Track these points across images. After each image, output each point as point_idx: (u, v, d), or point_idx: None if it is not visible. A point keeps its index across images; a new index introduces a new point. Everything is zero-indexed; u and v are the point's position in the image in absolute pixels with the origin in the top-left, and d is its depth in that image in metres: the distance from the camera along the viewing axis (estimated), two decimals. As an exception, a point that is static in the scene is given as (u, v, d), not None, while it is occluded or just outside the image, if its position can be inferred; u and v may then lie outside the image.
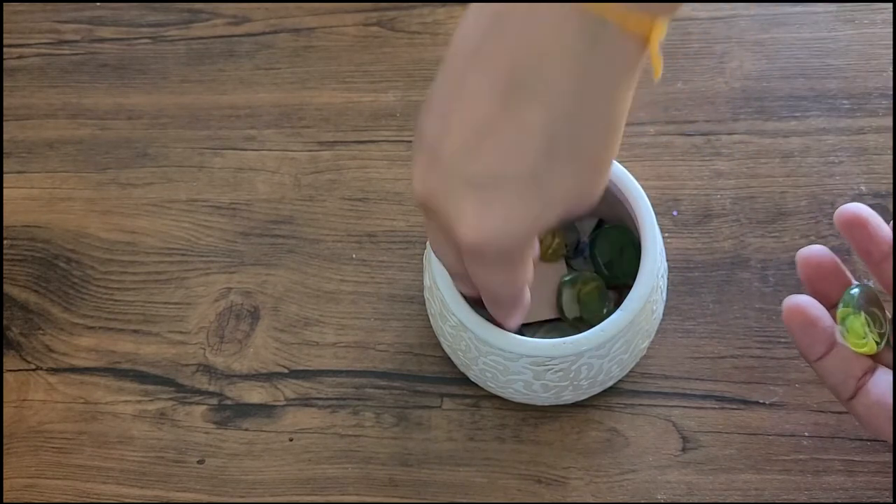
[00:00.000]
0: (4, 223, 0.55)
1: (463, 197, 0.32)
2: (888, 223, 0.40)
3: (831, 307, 0.40)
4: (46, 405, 0.50)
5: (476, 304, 0.41)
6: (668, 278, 0.47)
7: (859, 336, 0.39)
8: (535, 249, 0.39)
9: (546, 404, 0.47)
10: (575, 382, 0.43)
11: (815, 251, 0.41)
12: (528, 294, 0.39)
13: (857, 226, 0.40)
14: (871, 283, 0.41)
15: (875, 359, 0.40)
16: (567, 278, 0.46)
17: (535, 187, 0.32)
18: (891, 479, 0.46)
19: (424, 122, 0.33)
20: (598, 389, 0.45)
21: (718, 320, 0.50)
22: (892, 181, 0.52)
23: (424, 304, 0.49)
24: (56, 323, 0.52)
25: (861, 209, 0.40)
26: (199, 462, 0.49)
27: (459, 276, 0.39)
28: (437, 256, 0.38)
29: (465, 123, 0.31)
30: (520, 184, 0.31)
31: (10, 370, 0.51)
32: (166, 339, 0.52)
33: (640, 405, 0.48)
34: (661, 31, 0.29)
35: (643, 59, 0.30)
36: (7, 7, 0.62)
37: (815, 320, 0.39)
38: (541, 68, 0.30)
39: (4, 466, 0.49)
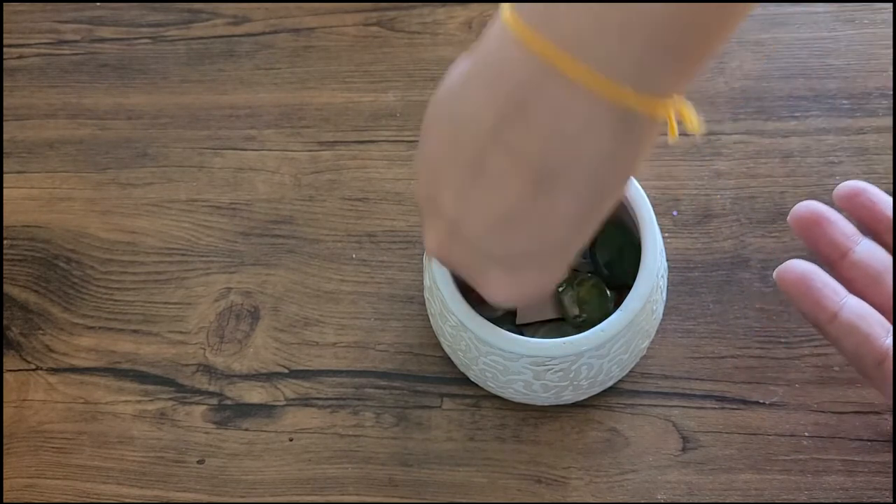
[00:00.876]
0: (4, 223, 0.55)
1: (489, 270, 0.33)
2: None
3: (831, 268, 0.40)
4: (46, 405, 0.50)
5: (476, 302, 0.41)
6: (668, 278, 0.47)
7: None
8: None
9: (546, 404, 0.47)
10: (575, 382, 0.43)
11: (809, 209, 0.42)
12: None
13: (814, 225, 0.41)
14: None
15: None
16: (565, 281, 0.46)
17: (560, 252, 0.33)
18: (891, 479, 0.46)
19: (437, 192, 0.32)
20: (598, 389, 0.45)
21: (718, 320, 0.50)
22: (892, 181, 0.52)
23: (424, 304, 0.49)
24: (56, 323, 0.52)
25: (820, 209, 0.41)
26: (199, 462, 0.49)
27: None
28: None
29: (490, 209, 0.31)
30: (547, 256, 0.33)
31: (10, 370, 0.51)
32: (166, 339, 0.52)
33: (640, 405, 0.48)
34: (683, 107, 0.29)
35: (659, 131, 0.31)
36: (7, 7, 0.62)
37: (814, 279, 0.39)
38: (575, 157, 0.29)
39: (4, 466, 0.49)
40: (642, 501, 0.46)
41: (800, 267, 0.41)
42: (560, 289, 0.46)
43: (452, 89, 0.32)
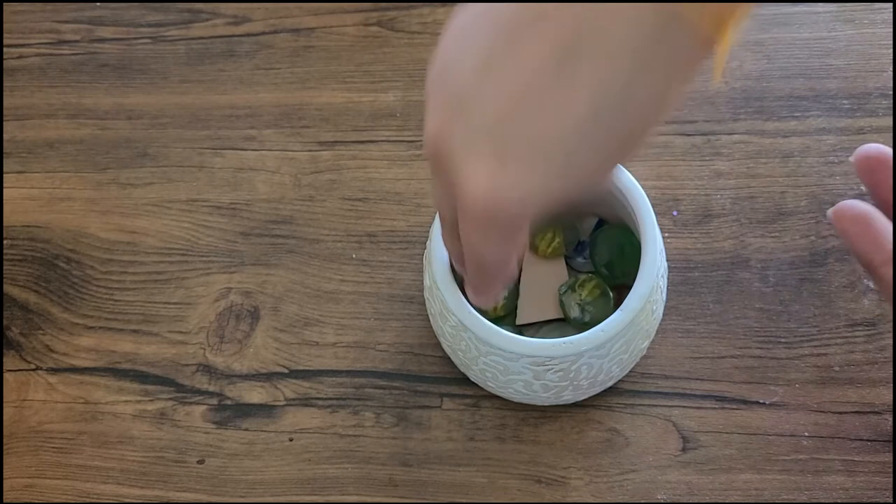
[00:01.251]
0: (4, 223, 0.55)
1: (480, 151, 0.31)
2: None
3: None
4: (46, 405, 0.50)
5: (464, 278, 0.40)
6: (668, 278, 0.47)
7: None
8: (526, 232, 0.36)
9: (546, 404, 0.47)
10: (575, 382, 0.43)
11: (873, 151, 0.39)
12: (514, 268, 0.36)
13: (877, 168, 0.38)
14: None
15: None
16: (567, 283, 0.46)
17: (560, 159, 0.30)
18: (891, 479, 0.46)
19: (457, 62, 0.31)
20: (598, 389, 0.45)
21: (718, 320, 0.50)
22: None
23: (424, 304, 0.49)
24: (56, 323, 0.52)
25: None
26: (199, 462, 0.49)
27: (450, 229, 0.36)
28: (435, 205, 0.37)
29: (507, 80, 0.30)
30: (547, 151, 0.30)
31: (10, 370, 0.51)
32: (166, 339, 0.52)
33: (640, 405, 0.48)
34: (731, 35, 0.28)
35: (702, 61, 0.29)
36: (7, 7, 0.62)
37: (874, 218, 0.37)
38: (604, 40, 0.28)
39: (4, 466, 0.49)
40: (642, 501, 0.46)
41: (859, 206, 0.38)
42: (562, 291, 0.46)
43: None
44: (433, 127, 0.32)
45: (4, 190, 0.56)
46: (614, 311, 0.41)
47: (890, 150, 0.39)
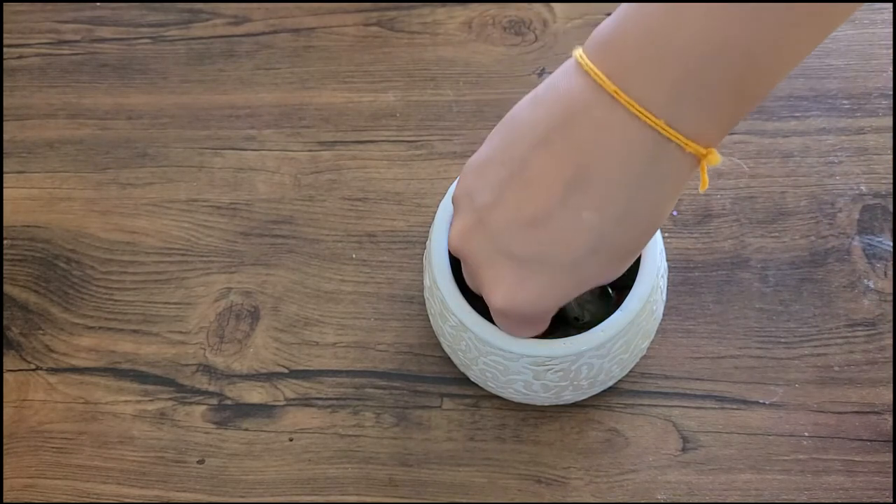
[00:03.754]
0: (4, 223, 0.55)
1: (501, 267, 0.35)
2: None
3: None
4: (46, 405, 0.50)
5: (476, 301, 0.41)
6: (668, 278, 0.47)
7: None
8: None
9: (546, 404, 0.47)
10: (575, 382, 0.43)
11: None
12: (544, 328, 0.41)
13: None
14: None
15: None
16: None
17: (571, 273, 0.35)
18: (891, 479, 0.46)
19: (474, 185, 0.35)
20: (598, 389, 0.45)
21: (718, 320, 0.50)
22: (892, 181, 0.52)
23: (424, 304, 0.49)
24: (56, 323, 0.52)
25: None
26: (199, 462, 0.49)
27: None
28: (466, 279, 0.41)
29: (521, 203, 0.34)
30: (559, 270, 0.35)
31: (10, 370, 0.51)
32: (166, 339, 0.52)
33: (640, 405, 0.48)
34: (714, 157, 0.32)
35: (691, 176, 0.33)
36: (7, 7, 0.62)
37: None
38: (605, 173, 0.32)
39: (4, 466, 0.49)
40: (642, 501, 0.46)
41: None
42: None
43: (521, 105, 0.35)
44: (456, 233, 0.37)
45: (4, 190, 0.56)
46: (614, 311, 0.41)
47: None
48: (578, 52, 0.33)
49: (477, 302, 0.41)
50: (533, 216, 0.34)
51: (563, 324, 0.46)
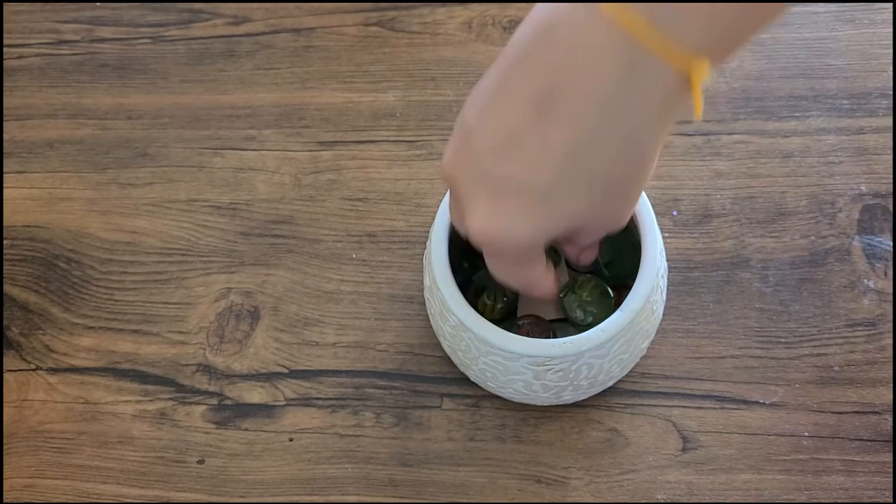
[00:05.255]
0: (4, 223, 0.55)
1: (479, 190, 0.33)
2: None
3: None
4: (46, 405, 0.50)
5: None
6: (668, 278, 0.47)
7: None
8: (543, 257, 0.39)
9: (546, 404, 0.47)
10: (575, 382, 0.43)
11: None
12: (545, 287, 0.39)
13: None
14: None
15: None
16: (567, 284, 0.46)
17: (546, 201, 0.32)
18: (891, 479, 0.46)
19: (468, 107, 0.34)
20: (598, 389, 0.45)
21: (718, 320, 0.50)
22: (892, 181, 0.52)
23: (424, 304, 0.49)
24: (56, 323, 0.52)
25: None
26: (199, 462, 0.49)
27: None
28: (455, 225, 0.39)
29: (497, 124, 0.32)
30: (532, 195, 0.32)
31: (10, 370, 0.51)
32: (166, 339, 0.52)
33: (640, 405, 0.48)
34: (703, 72, 0.29)
35: (681, 101, 0.30)
36: (7, 7, 0.62)
37: None
38: (574, 87, 0.30)
39: (4, 466, 0.49)
40: (642, 501, 0.46)
41: None
42: (562, 294, 0.46)
43: (521, 25, 0.33)
44: (447, 157, 0.35)
45: (4, 190, 0.56)
46: (614, 310, 0.41)
47: None
48: None
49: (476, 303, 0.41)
50: (507, 136, 0.32)
51: (564, 324, 0.46)
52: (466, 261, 0.45)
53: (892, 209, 0.51)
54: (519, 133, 0.31)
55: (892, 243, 0.51)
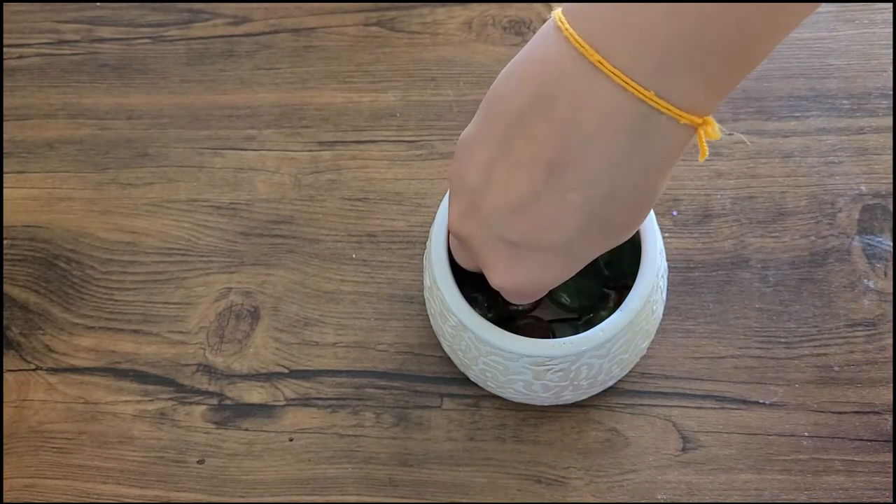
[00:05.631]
0: (4, 223, 0.55)
1: (496, 248, 0.35)
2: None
3: None
4: (46, 405, 0.50)
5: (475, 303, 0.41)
6: (668, 278, 0.47)
7: None
8: None
9: (546, 404, 0.47)
10: (575, 382, 0.43)
11: None
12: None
13: None
14: None
15: None
16: None
17: (565, 253, 0.34)
18: (891, 479, 0.46)
19: (465, 168, 0.34)
20: (598, 389, 0.45)
21: (718, 320, 0.50)
22: (892, 181, 0.52)
23: (424, 304, 0.49)
24: (56, 323, 0.52)
25: None
26: (199, 462, 0.49)
27: (475, 270, 0.40)
28: (455, 257, 0.40)
29: (507, 188, 0.32)
30: (552, 252, 0.34)
31: (10, 370, 0.51)
32: (166, 339, 0.52)
33: (640, 405, 0.48)
34: (710, 126, 0.30)
35: (685, 146, 0.31)
36: (7, 7, 0.62)
37: None
38: (586, 152, 0.30)
39: (4, 466, 0.49)
40: (642, 501, 0.46)
41: None
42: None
43: (501, 77, 0.33)
44: (454, 217, 0.36)
45: (4, 190, 0.56)
46: (614, 310, 0.41)
47: None
48: (558, 14, 0.30)
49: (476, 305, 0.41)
50: (519, 202, 0.32)
51: (563, 324, 0.46)
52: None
53: (892, 209, 0.51)
54: (532, 198, 0.32)
55: (892, 243, 0.51)
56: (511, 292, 0.36)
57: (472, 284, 0.45)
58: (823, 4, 0.57)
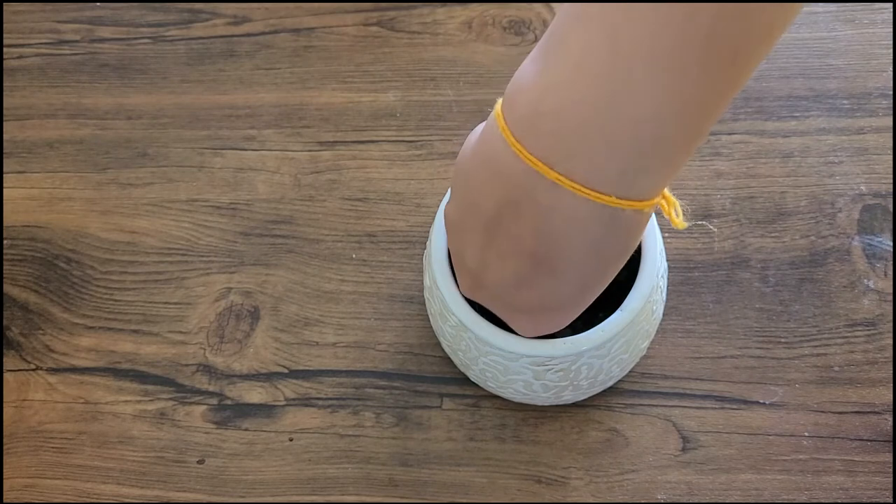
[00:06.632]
0: (4, 223, 0.55)
1: (513, 314, 0.38)
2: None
3: None
4: (46, 405, 0.50)
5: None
6: (668, 278, 0.47)
7: None
8: None
9: (546, 404, 0.47)
10: (575, 382, 0.43)
11: None
12: None
13: None
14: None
15: None
16: None
17: (576, 304, 0.36)
18: (891, 479, 0.46)
19: (462, 250, 0.36)
20: (598, 389, 0.45)
21: (718, 320, 0.50)
22: (892, 181, 0.52)
23: (424, 304, 0.49)
24: (56, 323, 0.52)
25: None
26: (199, 462, 0.49)
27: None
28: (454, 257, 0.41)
29: (502, 273, 0.35)
30: (562, 306, 0.36)
31: (10, 370, 0.51)
32: (166, 339, 0.52)
33: (640, 405, 0.48)
34: (671, 203, 0.33)
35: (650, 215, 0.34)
36: (7, 7, 0.62)
37: None
38: (563, 245, 0.32)
39: (4, 466, 0.49)
40: (642, 501, 0.46)
41: None
42: None
43: (469, 163, 0.33)
44: (464, 287, 0.38)
45: (4, 190, 0.56)
46: (615, 310, 0.41)
47: None
48: (503, 128, 0.30)
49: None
50: (516, 283, 0.34)
51: None
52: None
53: (892, 209, 0.51)
54: (526, 280, 0.34)
55: (892, 243, 0.51)
56: (536, 335, 0.39)
57: None
58: (823, 4, 0.57)
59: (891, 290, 0.50)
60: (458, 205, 0.35)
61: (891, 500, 0.45)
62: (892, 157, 0.53)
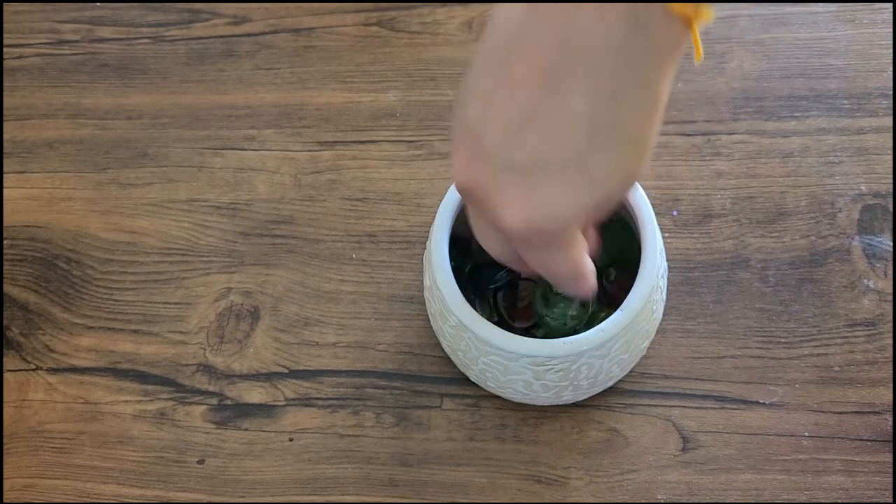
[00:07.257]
0: (4, 223, 0.55)
1: (507, 183, 0.32)
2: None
3: None
4: (46, 405, 0.50)
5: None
6: (668, 278, 0.47)
7: None
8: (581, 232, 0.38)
9: (546, 404, 0.47)
10: (575, 382, 0.43)
11: None
12: (588, 264, 0.37)
13: None
14: None
15: None
16: (538, 291, 0.46)
17: (579, 171, 0.32)
18: (891, 479, 0.46)
19: (467, 108, 0.33)
20: (598, 389, 0.45)
21: (718, 320, 0.50)
22: (892, 181, 0.52)
23: (424, 304, 0.49)
24: (56, 323, 0.52)
25: None
26: (199, 462, 0.49)
27: (510, 262, 0.38)
28: (483, 246, 0.38)
29: (508, 109, 0.31)
30: (564, 168, 0.32)
31: (10, 370, 0.51)
32: (166, 339, 0.52)
33: (640, 405, 0.48)
34: (705, 16, 0.29)
35: (684, 43, 0.30)
36: (7, 7, 0.62)
37: None
38: (582, 53, 0.30)
39: (4, 466, 0.49)
40: (642, 501, 0.46)
41: None
42: (537, 304, 0.46)
43: (495, 11, 0.32)
44: (459, 163, 0.34)
45: (4, 190, 0.56)
46: (615, 310, 0.41)
47: None
48: None
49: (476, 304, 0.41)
50: (521, 117, 0.31)
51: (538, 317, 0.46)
52: (463, 258, 0.45)
53: (892, 209, 0.51)
54: (533, 110, 0.31)
55: (892, 243, 0.51)
56: (530, 233, 0.33)
57: (472, 285, 0.45)
58: (823, 4, 0.57)
59: (891, 290, 0.50)
60: (478, 61, 0.32)
61: (891, 500, 0.45)
62: (892, 157, 0.53)
